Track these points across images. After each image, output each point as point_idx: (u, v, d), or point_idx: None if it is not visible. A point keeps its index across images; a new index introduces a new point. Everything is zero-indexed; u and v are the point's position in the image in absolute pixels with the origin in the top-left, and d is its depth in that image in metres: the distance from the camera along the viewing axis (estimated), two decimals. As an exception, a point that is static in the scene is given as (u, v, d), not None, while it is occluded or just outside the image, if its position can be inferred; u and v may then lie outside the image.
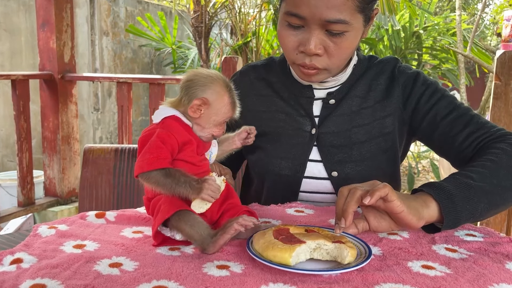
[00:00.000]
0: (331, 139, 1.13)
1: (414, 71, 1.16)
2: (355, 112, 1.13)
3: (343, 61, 1.07)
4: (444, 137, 1.09)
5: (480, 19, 5.00)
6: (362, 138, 1.12)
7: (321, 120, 1.14)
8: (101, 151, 1.62)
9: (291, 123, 1.16)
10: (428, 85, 1.13)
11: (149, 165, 0.80)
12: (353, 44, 1.03)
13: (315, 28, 0.99)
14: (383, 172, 1.13)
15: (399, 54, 5.13)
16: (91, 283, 0.67)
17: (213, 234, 0.80)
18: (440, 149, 1.13)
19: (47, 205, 3.50)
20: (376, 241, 0.87)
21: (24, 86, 3.19)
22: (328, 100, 1.15)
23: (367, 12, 1.03)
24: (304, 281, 0.69)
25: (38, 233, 0.87)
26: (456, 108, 1.09)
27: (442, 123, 1.09)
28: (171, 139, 0.82)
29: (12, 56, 4.47)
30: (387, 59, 1.19)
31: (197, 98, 0.84)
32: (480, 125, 1.06)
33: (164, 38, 5.69)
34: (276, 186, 1.17)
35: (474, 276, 0.72)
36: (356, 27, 1.01)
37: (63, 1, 3.41)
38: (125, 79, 3.22)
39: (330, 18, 0.96)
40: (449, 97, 1.12)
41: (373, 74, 1.16)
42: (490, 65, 4.60)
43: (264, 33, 5.29)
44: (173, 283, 0.68)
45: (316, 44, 0.99)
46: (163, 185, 0.80)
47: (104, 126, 5.41)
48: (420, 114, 1.12)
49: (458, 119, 1.08)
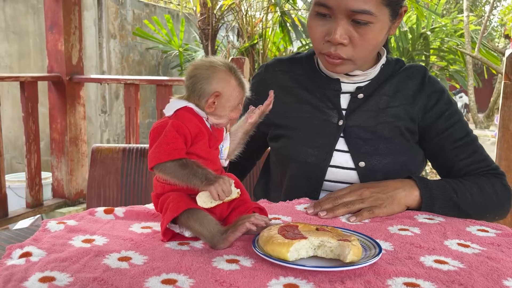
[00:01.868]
0: (357, 131, 1.14)
1: (442, 86, 1.20)
2: (382, 109, 1.15)
3: (367, 52, 1.09)
4: (448, 159, 1.16)
5: (488, 20, 4.97)
6: (387, 135, 1.14)
7: (348, 113, 1.15)
8: (109, 151, 1.62)
9: (318, 114, 1.17)
10: (450, 105, 1.17)
11: (166, 155, 0.79)
12: (378, 37, 1.06)
13: (341, 18, 1.03)
14: (407, 170, 1.13)
15: (407, 55, 5.11)
16: (100, 276, 0.66)
17: (223, 231, 0.79)
18: (438, 165, 1.20)
19: (55, 206, 3.51)
20: (387, 236, 0.86)
21: (33, 88, 3.20)
22: (357, 94, 1.16)
23: (394, 7, 1.06)
24: (315, 275, 0.68)
25: (47, 228, 0.86)
26: (467, 135, 1.16)
27: (452, 146, 1.15)
28: (184, 130, 0.81)
29: (21, 58, 4.51)
30: (417, 66, 1.22)
31: (209, 95, 0.83)
32: (483, 157, 1.16)
33: (171, 40, 5.71)
34: (300, 174, 1.15)
35: (488, 270, 0.71)
36: (381, 19, 1.04)
37: (71, 3, 3.43)
38: (133, 81, 3.23)
39: (355, 8, 1.00)
40: (464, 122, 1.18)
41: (402, 77, 1.19)
42: (499, 66, 4.57)
43: (271, 35, 5.30)
44: (183, 276, 0.67)
45: (341, 33, 1.03)
46: (179, 176, 0.79)
47: (112, 128, 5.43)
48: (435, 131, 1.16)
49: (467, 146, 1.15)
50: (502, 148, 1.97)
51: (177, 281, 0.66)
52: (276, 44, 5.46)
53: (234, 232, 0.78)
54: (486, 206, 1.09)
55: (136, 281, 0.65)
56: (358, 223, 0.95)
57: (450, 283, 0.66)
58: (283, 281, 0.66)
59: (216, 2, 5.16)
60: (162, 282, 0.65)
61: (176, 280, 0.66)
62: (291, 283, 0.66)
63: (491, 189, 1.10)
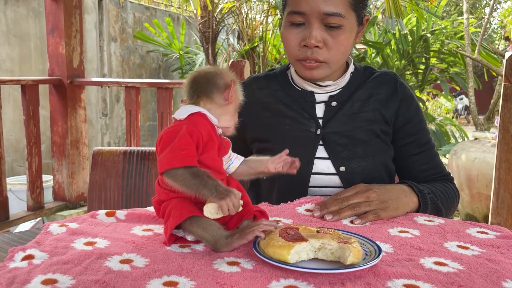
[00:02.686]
0: (335, 138, 1.19)
1: (412, 92, 1.27)
2: (356, 114, 1.20)
3: (340, 55, 1.15)
4: (411, 163, 1.24)
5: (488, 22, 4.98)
6: (364, 138, 1.19)
7: (324, 121, 1.21)
8: (110, 154, 1.63)
9: (296, 126, 1.21)
10: (418, 111, 1.25)
11: (179, 161, 0.78)
12: (349, 39, 1.14)
13: (314, 22, 1.10)
14: (386, 169, 1.22)
15: (407, 58, 5.12)
16: (102, 278, 0.67)
17: (227, 235, 0.79)
18: (399, 168, 1.27)
19: (56, 209, 3.52)
20: (387, 238, 0.86)
21: (34, 91, 3.21)
22: (330, 103, 1.22)
23: (359, 12, 1.14)
24: (315, 277, 0.69)
25: (49, 231, 0.87)
26: (429, 142, 1.25)
27: (415, 151, 1.23)
28: (198, 136, 0.80)
29: (22, 61, 4.52)
30: (388, 72, 1.28)
31: (226, 85, 0.85)
32: (438, 163, 1.26)
33: (172, 43, 5.73)
34: (286, 183, 1.18)
35: (487, 272, 0.71)
36: (350, 22, 1.12)
37: (72, 7, 3.44)
38: (133, 84, 3.24)
39: (328, 10, 1.08)
40: (426, 129, 1.28)
41: (375, 82, 1.24)
42: (499, 68, 4.57)
43: (271, 38, 5.31)
44: (184, 278, 0.68)
45: (316, 36, 1.10)
46: (189, 185, 0.78)
47: (112, 131, 5.44)
48: (402, 135, 1.23)
49: (427, 152, 1.24)
50: (502, 150, 1.97)
51: (178, 283, 0.66)
52: (277, 47, 5.47)
53: (241, 239, 0.78)
54: (450, 208, 1.20)
55: (138, 283, 0.66)
56: (359, 226, 0.95)
57: (449, 284, 0.67)
58: (284, 283, 0.67)
59: (216, 5, 5.18)
60: (164, 285, 0.66)
61: (177, 282, 0.67)
62: (292, 285, 0.66)
63: (452, 192, 1.22)
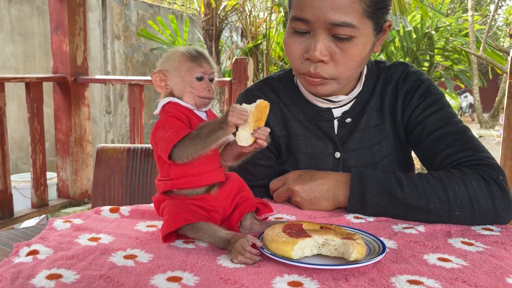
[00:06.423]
0: (355, 160, 1.11)
1: (418, 79, 1.11)
2: (373, 127, 1.11)
3: (351, 70, 1.00)
4: (426, 153, 1.07)
5: (493, 20, 4.96)
6: (385, 153, 1.11)
7: (341, 142, 1.11)
8: (113, 151, 1.63)
9: (312, 146, 1.12)
10: (426, 96, 1.08)
11: (175, 136, 0.78)
12: (362, 53, 0.97)
13: (320, 33, 0.94)
14: (401, 165, 1.15)
15: (411, 55, 5.10)
16: (106, 273, 0.67)
17: (224, 240, 0.76)
18: (420, 158, 1.11)
19: (60, 207, 3.53)
20: (391, 235, 0.86)
21: (38, 89, 3.22)
22: (344, 119, 1.11)
23: (377, 20, 0.98)
24: (319, 273, 0.69)
25: (53, 226, 0.87)
26: (446, 125, 1.04)
27: (427, 140, 1.05)
28: (178, 116, 0.82)
29: (26, 59, 4.53)
30: (395, 65, 1.15)
31: (152, 73, 0.86)
32: (463, 147, 1.00)
33: (175, 41, 5.73)
34: None
35: (491, 268, 0.71)
36: (365, 33, 0.95)
37: (76, 4, 3.45)
38: (137, 81, 3.24)
39: (335, 20, 0.92)
40: (444, 112, 1.06)
41: (382, 84, 1.13)
42: (504, 66, 4.56)
43: (275, 36, 5.31)
44: (188, 274, 0.68)
45: (321, 49, 0.94)
46: (200, 143, 0.77)
47: (116, 129, 5.45)
48: (410, 126, 1.10)
49: (444, 137, 1.03)
50: (507, 147, 1.97)
51: (182, 278, 0.66)
52: (280, 45, 5.47)
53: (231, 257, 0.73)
54: (449, 203, 0.92)
55: (142, 278, 0.66)
56: (362, 222, 0.95)
57: (453, 280, 0.67)
58: (288, 279, 0.67)
59: (220, 2, 5.18)
60: (168, 280, 0.66)
61: (181, 277, 0.67)
62: (296, 280, 0.67)
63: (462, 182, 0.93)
